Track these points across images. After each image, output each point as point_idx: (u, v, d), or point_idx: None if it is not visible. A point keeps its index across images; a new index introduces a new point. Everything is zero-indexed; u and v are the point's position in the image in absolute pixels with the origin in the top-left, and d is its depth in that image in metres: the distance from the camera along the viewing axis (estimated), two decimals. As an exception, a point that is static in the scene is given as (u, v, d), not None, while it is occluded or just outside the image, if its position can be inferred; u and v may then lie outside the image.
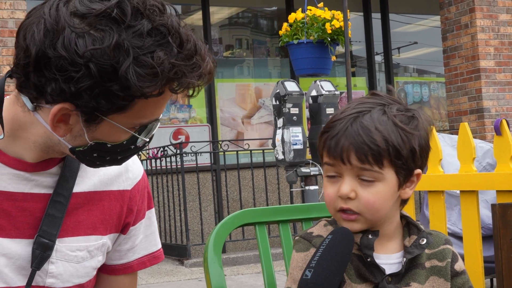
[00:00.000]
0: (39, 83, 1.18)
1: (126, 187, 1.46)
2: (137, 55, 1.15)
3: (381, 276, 1.30)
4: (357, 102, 1.34)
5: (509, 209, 1.45)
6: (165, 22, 1.18)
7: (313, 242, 1.32)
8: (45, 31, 1.17)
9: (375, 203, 1.28)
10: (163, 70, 1.15)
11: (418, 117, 1.32)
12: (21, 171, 1.32)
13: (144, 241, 1.53)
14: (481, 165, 3.82)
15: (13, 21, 6.48)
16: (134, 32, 1.16)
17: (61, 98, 1.18)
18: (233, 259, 6.84)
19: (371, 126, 1.27)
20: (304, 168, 5.29)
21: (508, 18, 8.68)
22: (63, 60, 1.15)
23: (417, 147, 1.29)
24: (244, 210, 1.65)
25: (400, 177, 1.30)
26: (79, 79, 1.15)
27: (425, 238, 1.34)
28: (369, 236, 1.31)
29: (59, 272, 1.37)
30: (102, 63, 1.14)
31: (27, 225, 1.34)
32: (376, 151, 1.26)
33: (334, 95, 5.33)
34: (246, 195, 7.91)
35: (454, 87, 8.75)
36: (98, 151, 1.26)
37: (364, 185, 1.28)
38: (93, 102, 1.17)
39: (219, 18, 9.16)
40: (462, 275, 1.38)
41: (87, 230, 1.40)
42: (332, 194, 1.30)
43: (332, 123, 1.31)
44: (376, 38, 9.59)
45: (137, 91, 1.16)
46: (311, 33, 5.50)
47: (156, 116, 1.26)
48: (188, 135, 8.39)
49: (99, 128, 1.23)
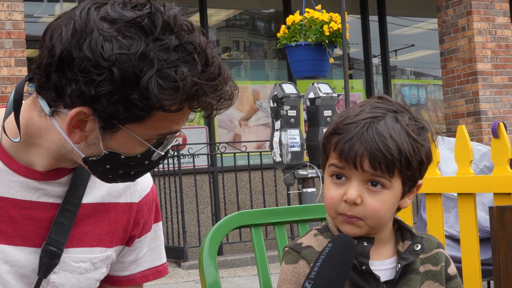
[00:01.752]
0: (60, 83, 1.17)
1: (134, 199, 1.45)
2: (161, 67, 1.14)
3: (376, 284, 1.28)
4: (370, 106, 1.30)
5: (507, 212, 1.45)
6: (193, 40, 1.18)
7: (302, 254, 1.29)
8: (73, 31, 1.17)
9: (380, 211, 1.26)
10: (185, 86, 1.15)
11: (428, 128, 1.31)
12: (30, 179, 1.31)
13: (149, 254, 1.51)
14: (479, 168, 3.82)
15: (10, 23, 6.46)
16: (161, 46, 1.15)
17: (80, 101, 1.17)
18: (230, 261, 6.83)
19: (386, 134, 1.25)
20: (301, 170, 5.28)
21: (505, 21, 8.69)
22: (87, 61, 1.14)
23: (425, 159, 1.28)
24: (239, 212, 1.64)
25: (405, 187, 1.29)
26: (100, 82, 1.14)
27: (419, 244, 1.32)
28: (364, 244, 1.28)
29: (61, 282, 1.36)
30: (125, 69, 1.13)
31: (33, 234, 1.33)
32: (390, 160, 1.24)
33: (331, 97, 5.32)
34: (243, 197, 7.90)
35: (451, 89, 8.75)
36: (111, 162, 1.24)
37: (372, 191, 1.26)
38: (111, 108, 1.15)
39: (217, 20, 9.15)
40: (455, 279, 1.37)
41: (92, 242, 1.39)
42: (336, 197, 1.27)
43: (346, 126, 1.27)
44: (374, 41, 9.59)
45: (157, 103, 1.15)
46: (309, 35, 5.50)
47: (173, 129, 1.25)
48: (186, 137, 8.39)
49: (114, 137, 1.21)
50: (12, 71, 6.41)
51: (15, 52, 6.44)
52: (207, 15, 8.66)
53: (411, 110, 1.34)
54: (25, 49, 6.47)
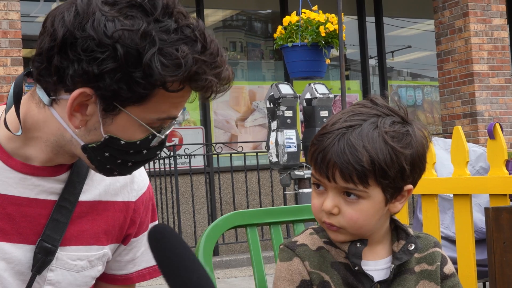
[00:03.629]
0: (61, 65, 1.18)
1: (131, 198, 1.45)
2: (162, 46, 1.16)
3: (369, 284, 1.28)
4: (351, 112, 1.29)
5: (502, 213, 1.45)
6: (191, 23, 1.20)
7: (296, 251, 1.30)
8: (75, 14, 1.18)
9: (358, 220, 1.26)
10: (187, 63, 1.16)
11: (412, 132, 1.27)
12: (27, 175, 1.31)
13: (146, 253, 1.51)
14: (474, 169, 3.82)
15: (6, 22, 6.45)
16: (161, 27, 1.17)
17: (82, 81, 1.18)
18: (226, 261, 6.83)
19: (358, 144, 1.23)
20: (297, 171, 5.28)
21: (501, 22, 8.71)
22: (90, 40, 1.16)
23: (407, 166, 1.25)
24: (235, 212, 1.64)
25: (387, 194, 1.26)
26: (103, 60, 1.15)
27: (413, 244, 1.31)
28: (357, 245, 1.28)
29: (58, 280, 1.36)
30: (128, 46, 1.15)
31: (30, 231, 1.33)
32: (361, 171, 1.22)
33: (328, 98, 5.32)
34: (239, 198, 7.89)
35: (448, 91, 8.76)
36: (111, 149, 1.24)
37: (348, 201, 1.26)
38: (114, 86, 1.16)
39: (214, 20, 9.15)
40: (452, 278, 1.36)
41: (90, 240, 1.39)
42: (317, 206, 1.29)
43: (321, 136, 1.27)
44: (370, 42, 9.60)
45: (159, 80, 1.16)
46: (306, 36, 5.50)
47: (173, 114, 1.25)
48: (182, 137, 8.38)
49: (115, 121, 1.22)
50: (8, 71, 6.40)
51: (11, 52, 6.43)
52: (204, 15, 8.66)
53: (406, 111, 1.32)
54: (21, 48, 6.46)
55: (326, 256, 1.29)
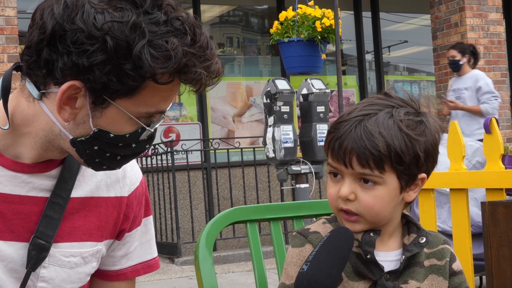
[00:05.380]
0: (51, 58, 1.18)
1: (124, 193, 1.45)
2: (152, 38, 1.16)
3: (379, 273, 1.30)
4: (366, 103, 1.33)
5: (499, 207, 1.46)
6: (180, 15, 1.20)
7: (309, 238, 1.32)
8: (64, 6, 1.18)
9: (375, 206, 1.28)
10: (177, 55, 1.17)
11: (426, 122, 1.32)
12: (18, 173, 1.30)
13: (139, 248, 1.51)
14: (471, 164, 3.84)
15: (3, 18, 6.44)
16: (151, 19, 1.18)
17: (72, 74, 1.18)
18: (224, 257, 6.84)
19: (375, 131, 1.27)
20: (294, 166, 5.29)
21: (497, 17, 8.72)
22: (80, 32, 1.16)
23: (421, 153, 1.29)
24: (235, 208, 1.65)
25: (402, 181, 1.30)
26: (93, 52, 1.15)
27: (424, 237, 1.35)
28: (370, 234, 1.31)
29: (51, 276, 1.36)
30: (118, 38, 1.15)
31: (22, 229, 1.33)
32: (378, 156, 1.26)
33: (324, 93, 5.33)
34: (236, 193, 7.91)
35: (444, 85, 8.77)
36: (100, 142, 1.24)
37: (365, 188, 1.28)
38: (104, 79, 1.16)
39: (210, 16, 9.14)
40: (459, 275, 1.39)
41: (83, 236, 1.39)
42: (334, 194, 1.31)
43: (338, 124, 1.31)
44: (367, 37, 9.60)
45: (149, 72, 1.16)
46: (302, 31, 5.50)
47: (162, 108, 1.25)
48: (179, 133, 8.38)
49: (104, 114, 1.22)
50: (5, 67, 6.39)
51: (7, 48, 6.42)
52: (200, 11, 8.65)
53: (418, 104, 1.36)
54: (18, 45, 6.45)
55: None
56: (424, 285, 1.33)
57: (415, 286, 1.33)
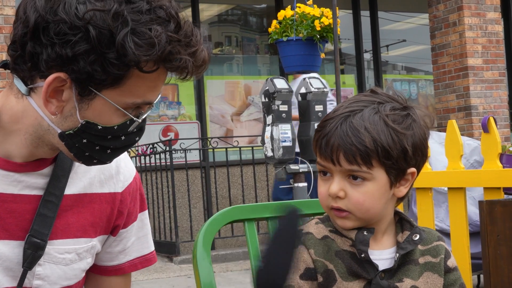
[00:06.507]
0: (35, 50, 1.18)
1: (117, 189, 1.45)
2: (135, 26, 1.16)
3: (374, 272, 1.30)
4: (352, 100, 1.33)
5: (496, 206, 1.47)
6: (163, 4, 1.20)
7: (301, 240, 1.32)
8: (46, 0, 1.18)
9: (365, 202, 1.28)
10: (160, 42, 1.16)
11: (413, 115, 1.31)
12: (10, 172, 1.30)
13: (136, 243, 1.52)
14: (469, 162, 3.85)
15: (1, 18, 6.44)
16: (133, 8, 1.17)
17: (56, 66, 1.18)
18: (222, 256, 6.85)
19: (360, 126, 1.27)
20: (293, 165, 5.29)
21: (496, 16, 8.72)
22: (62, 23, 1.16)
23: (409, 147, 1.28)
24: (233, 206, 1.65)
25: (391, 176, 1.29)
26: (76, 42, 1.15)
27: (418, 234, 1.34)
28: (364, 233, 1.31)
29: (47, 274, 1.36)
30: (100, 27, 1.15)
31: (16, 227, 1.33)
32: (364, 152, 1.26)
33: (323, 92, 5.33)
34: (235, 192, 7.91)
35: (442, 84, 8.78)
36: (88, 134, 1.24)
37: (354, 184, 1.28)
38: (88, 68, 1.16)
39: (209, 15, 9.14)
40: (454, 272, 1.39)
41: (77, 232, 1.39)
42: (324, 193, 1.31)
43: (324, 122, 1.31)
44: (365, 36, 9.60)
45: (133, 60, 1.16)
46: (300, 30, 5.50)
47: (149, 98, 1.25)
48: (178, 132, 8.38)
49: (91, 106, 1.22)
50: (3, 66, 6.38)
51: (6, 47, 6.41)
52: (199, 10, 8.65)
53: (405, 99, 1.35)
54: (16, 44, 6.44)
55: (331, 245, 1.32)
56: (419, 283, 1.33)
57: (410, 284, 1.32)
